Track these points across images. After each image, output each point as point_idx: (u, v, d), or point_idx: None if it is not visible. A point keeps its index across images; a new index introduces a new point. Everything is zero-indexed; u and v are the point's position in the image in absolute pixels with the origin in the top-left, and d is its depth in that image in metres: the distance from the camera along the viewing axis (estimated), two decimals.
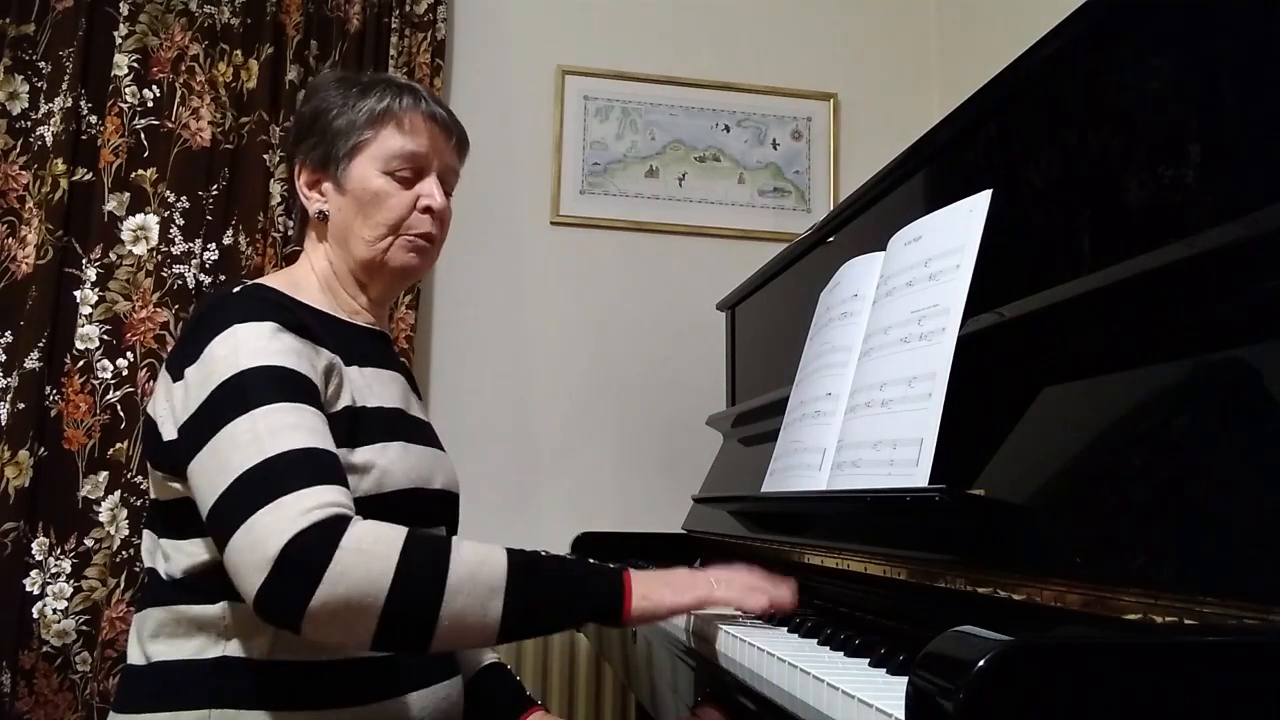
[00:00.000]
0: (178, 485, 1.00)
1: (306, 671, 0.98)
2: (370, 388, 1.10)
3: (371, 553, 0.89)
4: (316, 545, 0.88)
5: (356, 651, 0.98)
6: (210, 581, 0.98)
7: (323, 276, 1.16)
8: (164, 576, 1.01)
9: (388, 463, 1.04)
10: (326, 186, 1.15)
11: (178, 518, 1.01)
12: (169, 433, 1.00)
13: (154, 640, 1.00)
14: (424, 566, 0.91)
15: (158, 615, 1.00)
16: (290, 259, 2.11)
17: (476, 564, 0.92)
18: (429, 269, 1.23)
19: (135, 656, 1.02)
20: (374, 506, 1.00)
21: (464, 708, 1.14)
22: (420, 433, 1.17)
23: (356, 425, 1.03)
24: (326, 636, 0.90)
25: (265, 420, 0.94)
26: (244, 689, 0.96)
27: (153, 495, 1.07)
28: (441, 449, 1.21)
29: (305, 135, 1.16)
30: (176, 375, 1.01)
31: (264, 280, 1.12)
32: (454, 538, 1.00)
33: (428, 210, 1.14)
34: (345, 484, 0.94)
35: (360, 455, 1.02)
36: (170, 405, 1.01)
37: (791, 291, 1.67)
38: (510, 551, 0.95)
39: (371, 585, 0.87)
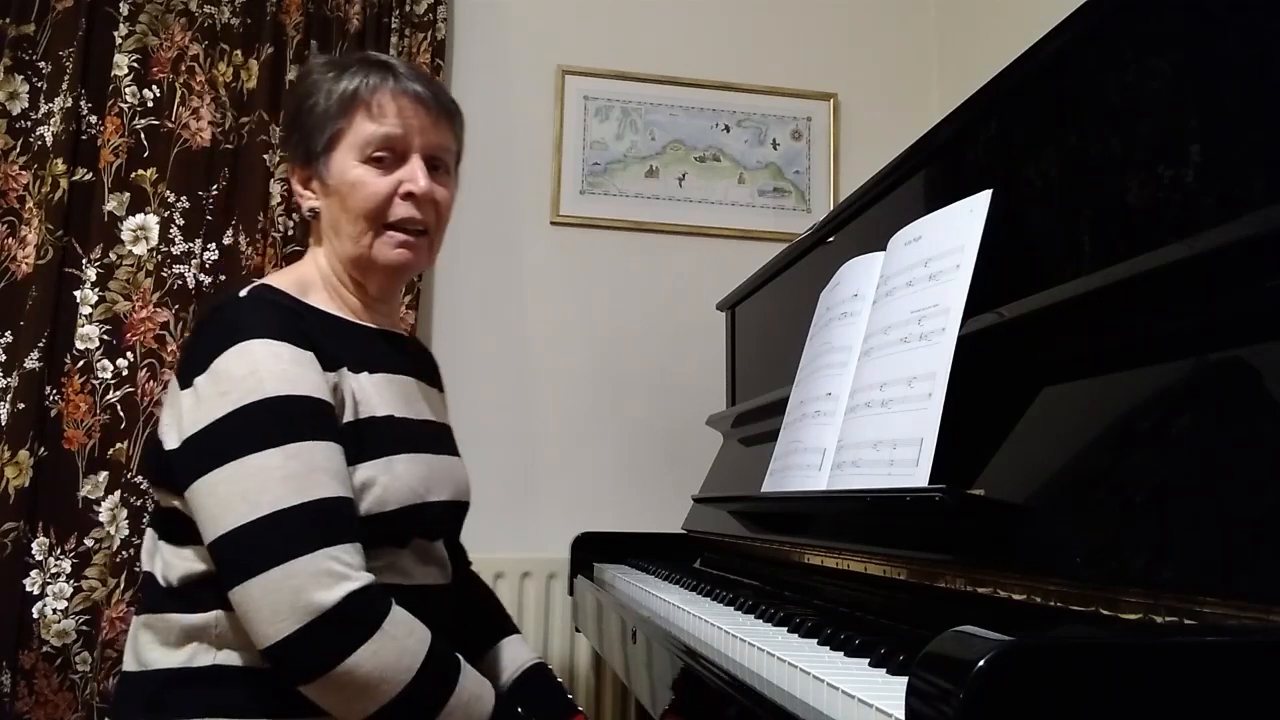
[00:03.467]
0: (170, 495, 0.99)
1: None
2: (379, 395, 1.06)
3: (404, 646, 0.92)
4: (368, 613, 0.91)
5: None
6: (203, 590, 0.97)
7: (324, 277, 1.13)
8: (160, 582, 1.01)
9: (390, 479, 1.02)
10: (315, 184, 1.11)
11: (175, 525, 1.00)
12: (171, 442, 0.97)
13: (148, 647, 0.99)
14: (438, 678, 0.95)
15: (152, 622, 1.00)
16: (290, 260, 2.11)
17: (473, 697, 0.97)
18: (427, 261, 1.15)
19: (130, 663, 1.02)
20: (374, 525, 0.99)
21: (503, 710, 1.13)
22: (432, 440, 1.14)
23: (361, 439, 1.01)
24: (326, 699, 0.91)
25: (300, 458, 0.92)
26: (235, 698, 0.96)
27: (155, 496, 1.06)
28: (454, 454, 1.19)
29: (290, 132, 1.12)
30: (185, 383, 0.98)
31: (271, 280, 1.10)
32: (462, 660, 0.99)
33: (410, 196, 1.07)
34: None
35: (362, 473, 1.00)
36: (175, 414, 0.98)
37: (791, 291, 1.67)
38: (519, 697, 1.02)
39: (394, 675, 0.90)
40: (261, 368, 0.94)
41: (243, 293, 1.04)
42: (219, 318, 1.00)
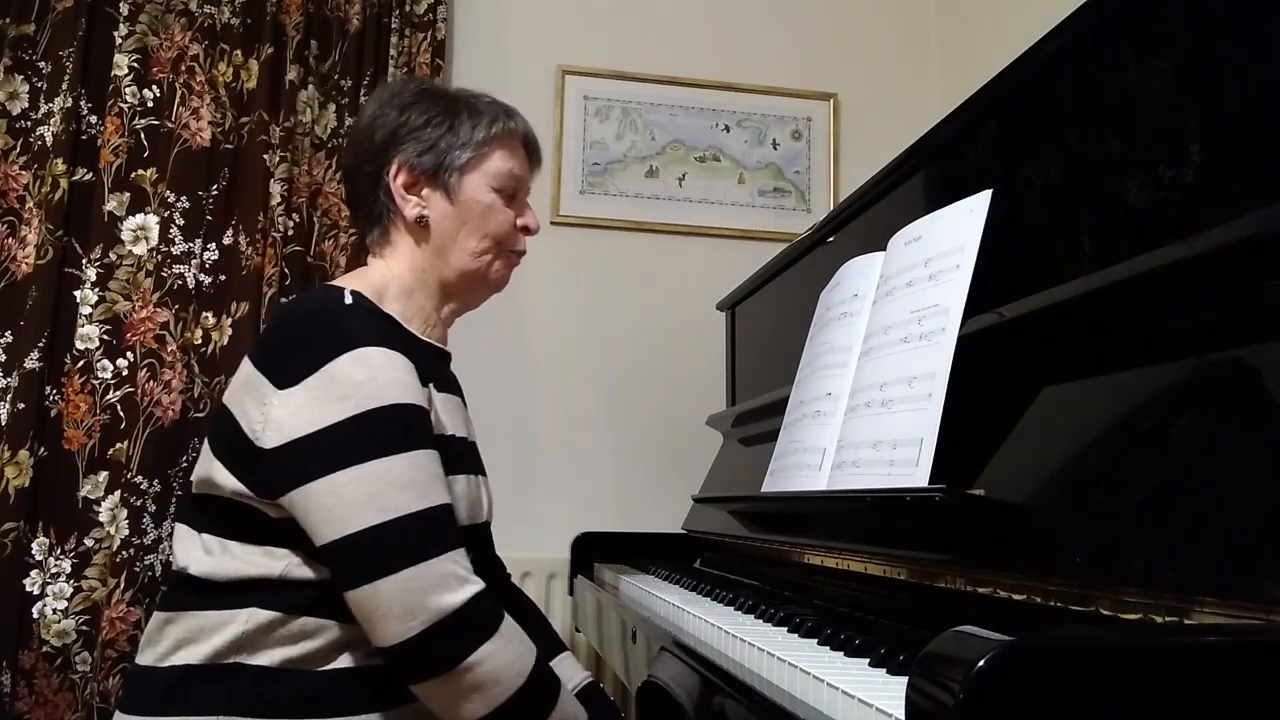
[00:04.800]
0: (252, 494, 0.98)
1: (317, 680, 0.98)
2: (446, 413, 1.10)
3: (517, 651, 0.97)
4: (489, 615, 0.96)
5: (368, 660, 0.98)
6: (242, 589, 0.98)
7: (402, 283, 1.14)
8: (196, 576, 1.00)
9: (454, 498, 1.04)
10: (428, 192, 1.14)
11: (235, 520, 1.00)
12: (270, 440, 0.97)
13: (169, 643, 0.99)
14: (544, 689, 0.99)
15: (176, 618, 1.00)
16: (291, 260, 2.11)
17: (571, 715, 1.01)
18: None
19: (146, 657, 1.01)
20: None
21: None
22: (476, 462, 1.18)
23: (441, 455, 1.03)
24: (441, 696, 0.94)
25: (420, 465, 0.97)
26: (255, 696, 0.96)
27: (201, 491, 1.04)
28: (485, 473, 1.21)
29: (407, 139, 1.14)
30: (284, 381, 0.97)
31: (354, 286, 1.09)
32: (561, 678, 1.04)
33: (526, 230, 1.21)
34: None
35: None
36: (276, 413, 0.97)
37: (791, 291, 1.67)
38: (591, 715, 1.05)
39: (507, 678, 0.95)
40: (380, 375, 0.98)
41: (347, 299, 1.05)
42: (325, 320, 1.02)
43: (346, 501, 0.93)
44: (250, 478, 0.98)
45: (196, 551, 1.01)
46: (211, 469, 1.01)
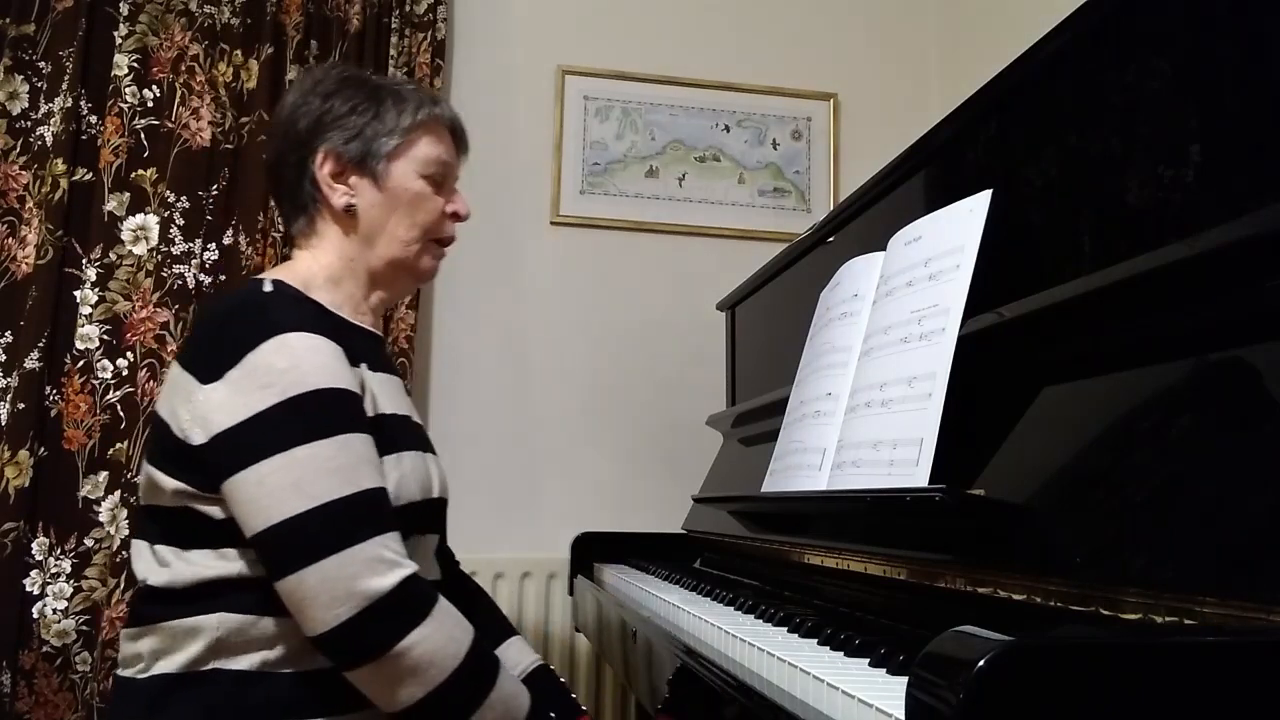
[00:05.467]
0: (189, 495, 0.98)
1: (296, 682, 0.98)
2: (383, 393, 1.09)
3: (451, 633, 0.96)
4: (420, 598, 0.94)
5: None
6: (206, 593, 0.97)
7: (330, 272, 1.13)
8: (157, 587, 0.99)
9: (400, 476, 1.04)
10: (355, 181, 1.12)
11: (183, 527, 0.99)
12: (197, 438, 0.96)
13: (147, 654, 0.99)
14: (481, 670, 0.98)
15: (150, 629, 0.99)
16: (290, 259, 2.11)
17: (511, 695, 1.01)
18: None
19: (127, 669, 1.01)
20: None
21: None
22: (421, 439, 1.17)
23: (377, 435, 1.02)
24: (376, 682, 0.93)
25: (348, 449, 0.95)
26: (235, 701, 0.96)
27: (147, 502, 1.03)
28: (435, 452, 1.21)
29: (332, 127, 1.12)
30: (208, 376, 0.97)
31: (278, 276, 1.09)
32: (500, 657, 1.04)
33: (455, 217, 1.19)
34: None
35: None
36: (202, 409, 0.96)
37: (791, 291, 1.67)
38: (534, 698, 1.04)
39: (442, 660, 0.94)
40: (303, 361, 0.97)
41: (267, 287, 1.04)
42: (246, 312, 1.01)
43: (272, 491, 0.92)
44: (187, 476, 0.98)
45: (153, 564, 1.01)
46: (152, 474, 1.01)
